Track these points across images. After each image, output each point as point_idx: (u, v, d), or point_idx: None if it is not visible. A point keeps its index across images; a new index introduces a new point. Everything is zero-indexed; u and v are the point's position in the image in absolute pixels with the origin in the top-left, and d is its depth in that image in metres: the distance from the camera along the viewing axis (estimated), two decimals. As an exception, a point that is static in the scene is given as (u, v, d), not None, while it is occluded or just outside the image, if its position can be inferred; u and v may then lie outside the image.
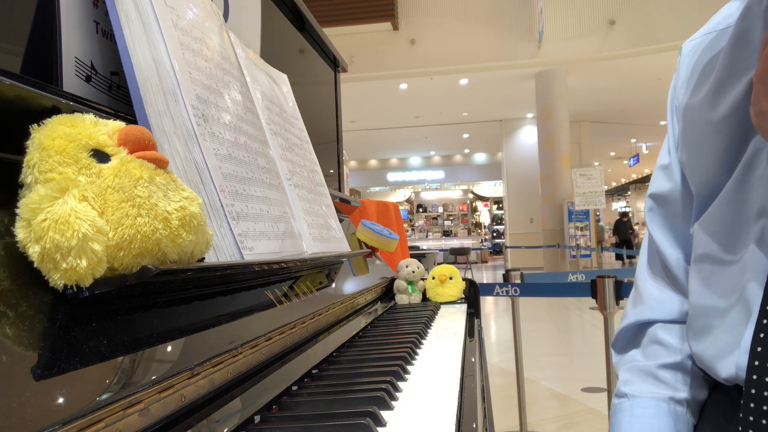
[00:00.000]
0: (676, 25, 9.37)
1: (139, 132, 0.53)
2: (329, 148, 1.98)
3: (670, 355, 0.66)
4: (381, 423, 0.56)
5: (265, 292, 0.79)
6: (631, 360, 0.70)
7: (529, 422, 2.90)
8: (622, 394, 0.67)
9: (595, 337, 5.38)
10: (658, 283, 0.70)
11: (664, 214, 0.69)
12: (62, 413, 0.36)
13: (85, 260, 0.42)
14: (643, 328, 0.70)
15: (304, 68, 1.72)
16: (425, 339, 1.04)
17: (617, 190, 30.86)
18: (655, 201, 0.70)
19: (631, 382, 0.67)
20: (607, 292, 2.32)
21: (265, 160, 0.91)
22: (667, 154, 0.69)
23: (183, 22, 0.77)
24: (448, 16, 10.51)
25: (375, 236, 1.52)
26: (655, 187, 0.71)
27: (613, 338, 0.74)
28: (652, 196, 0.71)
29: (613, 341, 0.74)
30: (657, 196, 0.70)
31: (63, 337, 0.42)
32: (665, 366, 0.66)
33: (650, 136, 17.21)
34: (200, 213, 0.54)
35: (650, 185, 0.72)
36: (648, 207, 0.72)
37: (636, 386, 0.66)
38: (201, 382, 0.52)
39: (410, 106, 13.13)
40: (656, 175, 0.71)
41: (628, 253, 13.07)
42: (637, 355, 0.70)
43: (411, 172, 21.46)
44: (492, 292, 2.56)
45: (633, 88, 11.86)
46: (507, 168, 14.81)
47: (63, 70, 0.63)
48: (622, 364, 0.71)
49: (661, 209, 0.70)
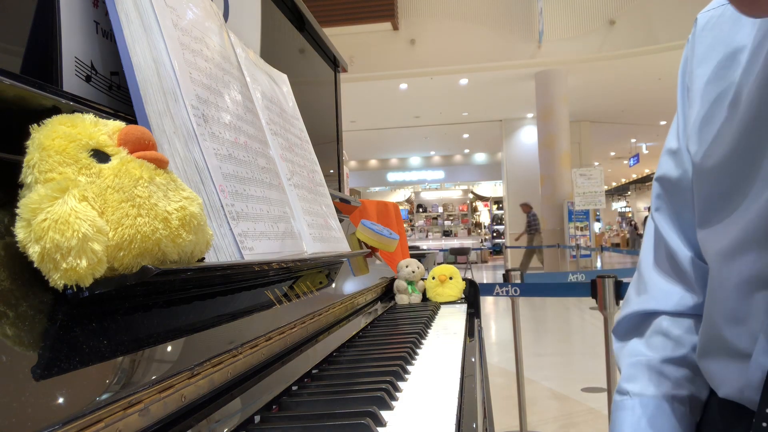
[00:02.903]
0: (676, 25, 9.37)
1: (139, 132, 0.53)
2: (329, 148, 1.98)
3: (676, 349, 0.64)
4: (381, 423, 0.56)
5: (265, 292, 0.79)
6: (633, 351, 0.68)
7: (529, 422, 2.90)
8: (624, 392, 0.66)
9: (595, 337, 5.38)
10: (663, 273, 0.67)
11: (671, 202, 0.66)
12: (62, 413, 0.36)
13: (85, 260, 0.42)
14: (648, 318, 0.68)
15: (304, 68, 1.72)
16: (425, 339, 1.04)
17: (617, 190, 30.86)
18: (662, 187, 0.67)
19: (634, 378, 0.66)
20: (607, 292, 2.31)
21: (265, 160, 0.91)
22: (676, 138, 0.65)
23: (183, 22, 0.77)
24: (448, 16, 10.51)
25: (375, 236, 1.52)
26: (662, 171, 0.66)
27: (614, 324, 0.72)
28: (659, 180, 0.67)
29: (614, 327, 0.72)
30: (665, 180, 0.66)
31: (63, 337, 0.42)
32: (670, 360, 0.64)
33: (650, 136, 17.21)
34: (200, 213, 0.54)
35: (657, 169, 0.68)
36: (655, 193, 0.68)
37: (638, 383, 0.65)
38: (201, 382, 0.52)
39: (410, 106, 13.13)
40: (664, 159, 0.66)
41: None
42: (641, 346, 0.68)
43: (411, 172, 21.46)
44: (492, 292, 2.56)
45: (633, 88, 11.86)
46: (507, 168, 14.82)
47: (63, 70, 0.63)
48: (624, 355, 0.69)
49: (668, 196, 0.66)
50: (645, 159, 19.10)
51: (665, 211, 0.67)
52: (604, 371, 2.51)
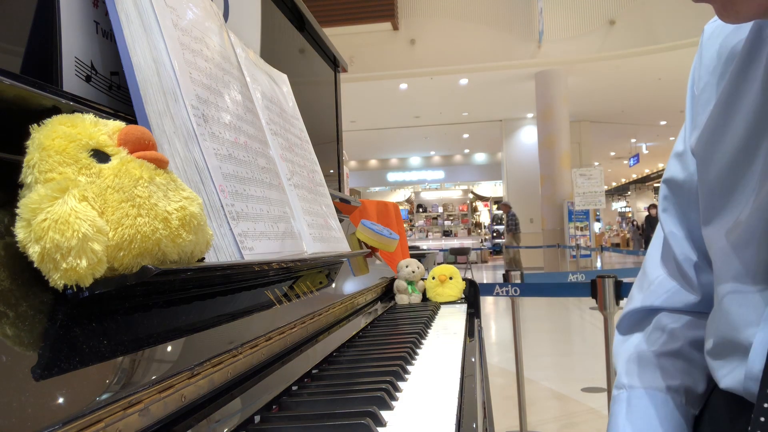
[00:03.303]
0: (676, 25, 9.37)
1: (139, 132, 0.53)
2: (329, 148, 1.98)
3: (672, 342, 0.66)
4: (381, 423, 0.55)
5: (265, 292, 0.79)
6: (633, 346, 0.70)
7: (529, 422, 2.90)
8: (621, 385, 0.68)
9: (595, 337, 5.38)
10: (667, 271, 0.70)
11: (678, 203, 0.68)
12: (62, 413, 0.36)
13: (85, 260, 0.42)
14: (650, 314, 0.70)
15: (304, 68, 1.72)
16: (425, 339, 1.04)
17: (617, 190, 30.86)
18: (669, 188, 0.69)
19: (630, 371, 0.68)
20: (607, 292, 2.31)
21: (265, 160, 0.91)
22: (683, 141, 0.67)
23: (183, 22, 0.77)
24: (448, 16, 10.52)
25: (375, 236, 1.52)
26: (669, 173, 0.69)
27: (618, 320, 0.74)
28: (666, 182, 0.69)
29: (618, 323, 0.74)
30: (671, 182, 0.68)
31: (63, 337, 0.42)
32: (665, 353, 0.66)
33: (650, 136, 17.22)
34: (200, 213, 0.54)
35: (665, 171, 0.70)
36: (662, 195, 0.70)
37: (634, 376, 0.67)
38: (201, 382, 0.52)
39: (410, 106, 13.14)
40: (671, 162, 0.69)
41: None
42: (640, 341, 0.70)
43: (411, 172, 21.46)
44: (492, 292, 2.56)
45: (633, 88, 11.86)
46: (507, 168, 14.82)
47: (63, 70, 0.63)
48: (623, 350, 0.71)
49: (675, 198, 0.68)
50: (645, 159, 19.11)
51: (672, 212, 0.69)
52: (604, 371, 2.51)
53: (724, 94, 0.57)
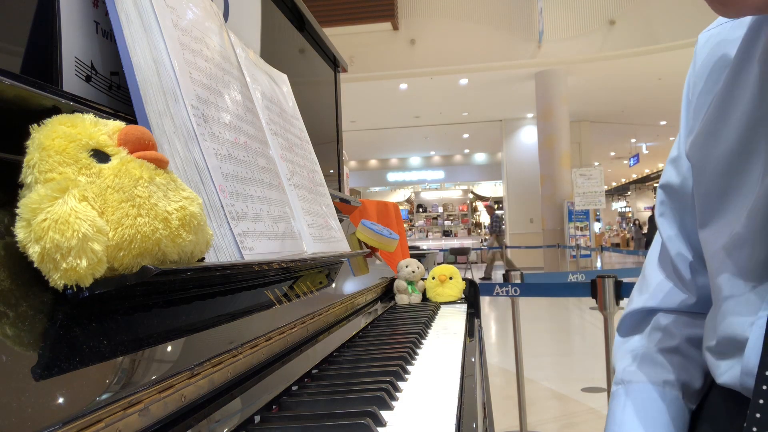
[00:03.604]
0: (676, 25, 9.37)
1: (139, 132, 0.53)
2: (329, 148, 1.98)
3: (669, 340, 0.68)
4: (381, 423, 0.56)
5: (265, 292, 0.79)
6: (632, 345, 0.72)
7: (529, 422, 2.90)
8: (619, 381, 0.69)
9: (595, 337, 5.38)
10: (665, 274, 0.72)
11: (674, 207, 0.70)
12: (62, 413, 0.36)
13: (85, 260, 0.42)
14: (649, 315, 0.72)
15: (304, 68, 1.72)
16: (425, 339, 1.04)
17: (617, 190, 30.86)
18: (665, 193, 0.71)
19: (628, 367, 0.69)
20: (607, 292, 2.32)
21: (265, 160, 0.91)
22: (677, 147, 0.69)
23: (183, 22, 0.77)
24: (448, 16, 10.51)
25: (375, 236, 1.52)
26: (665, 179, 0.71)
27: (619, 322, 0.76)
28: (663, 187, 0.71)
29: (618, 325, 0.76)
30: (668, 187, 0.70)
31: (63, 337, 0.42)
32: (663, 350, 0.68)
33: (650, 136, 17.21)
34: (200, 213, 0.54)
35: (661, 177, 0.73)
36: (659, 199, 0.72)
37: (632, 372, 0.68)
38: (201, 382, 0.52)
39: (410, 106, 13.13)
40: (667, 167, 0.71)
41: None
42: (639, 340, 0.72)
43: (411, 172, 21.45)
44: (492, 292, 2.56)
45: (633, 88, 11.86)
46: (507, 168, 14.81)
47: (63, 70, 0.63)
48: (622, 350, 0.73)
49: (671, 202, 0.70)
50: (645, 159, 19.10)
51: (669, 216, 0.71)
52: (604, 371, 2.51)
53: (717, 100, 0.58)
